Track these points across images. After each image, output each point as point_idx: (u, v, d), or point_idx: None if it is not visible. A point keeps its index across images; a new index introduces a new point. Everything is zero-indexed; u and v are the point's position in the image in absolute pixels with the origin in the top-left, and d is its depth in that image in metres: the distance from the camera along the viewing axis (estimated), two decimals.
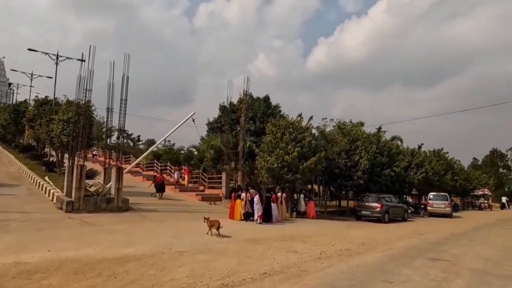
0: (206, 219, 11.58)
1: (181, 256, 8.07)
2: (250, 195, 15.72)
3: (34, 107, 26.77)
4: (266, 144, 19.53)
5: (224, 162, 22.40)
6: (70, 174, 15.33)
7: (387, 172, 23.39)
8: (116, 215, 14.02)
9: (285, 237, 11.79)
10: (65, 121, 18.11)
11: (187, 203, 19.33)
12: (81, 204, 13.99)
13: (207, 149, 24.82)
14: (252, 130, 36.60)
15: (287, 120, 20.08)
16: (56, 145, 18.35)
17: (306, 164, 18.09)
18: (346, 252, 9.54)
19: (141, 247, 8.71)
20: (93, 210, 14.21)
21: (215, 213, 17.50)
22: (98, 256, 7.62)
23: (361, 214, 19.78)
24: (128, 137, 57.63)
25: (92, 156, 37.23)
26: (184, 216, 15.43)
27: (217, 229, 11.32)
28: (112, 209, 14.76)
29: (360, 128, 23.49)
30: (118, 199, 15.01)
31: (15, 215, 12.26)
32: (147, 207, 16.56)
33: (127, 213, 14.68)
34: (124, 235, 10.35)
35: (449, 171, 35.49)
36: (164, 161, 29.86)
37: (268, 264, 7.59)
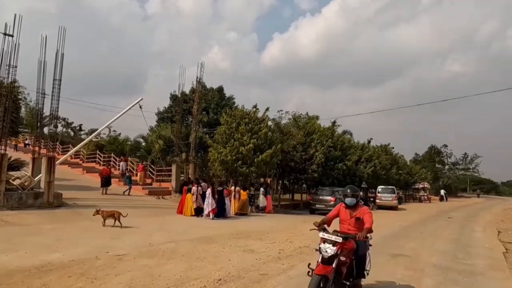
0: (98, 211, 11.06)
1: (120, 261, 6.82)
2: (201, 189, 14.62)
3: None
4: (220, 135, 18.49)
5: (174, 153, 20.93)
6: None
7: (340, 165, 23.56)
8: (45, 212, 12.14)
9: (240, 234, 10.92)
10: None
11: (132, 198, 17.67)
12: (1, 199, 11.89)
13: (156, 140, 23.12)
14: (205, 121, 35.22)
15: (243, 110, 19.17)
16: None
17: (261, 157, 17.38)
18: (306, 249, 8.91)
19: (71, 252, 7.30)
20: (17, 206, 12.19)
21: (163, 208, 16.14)
22: (12, 265, 6.13)
23: (315, 208, 19.60)
24: (68, 125, 52.84)
25: (24, 146, 33.31)
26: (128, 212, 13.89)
27: (118, 219, 10.93)
28: (41, 205, 12.81)
29: (315, 121, 23.35)
30: (48, 194, 13.06)
31: None
32: (85, 202, 14.71)
33: (59, 210, 12.82)
34: (51, 237, 8.76)
35: (395, 166, 37.19)
36: (108, 152, 27.43)
37: (223, 267, 6.65)
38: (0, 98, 14.11)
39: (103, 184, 17.49)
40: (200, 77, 20.05)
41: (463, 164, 75.25)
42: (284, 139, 20.79)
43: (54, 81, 13.69)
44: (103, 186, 17.48)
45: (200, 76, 20.02)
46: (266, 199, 18.22)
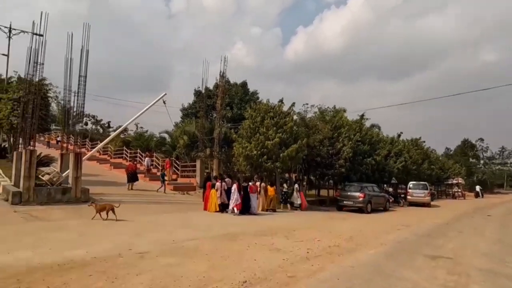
0: (93, 204, 11.16)
1: (141, 259, 6.60)
2: (226, 185, 14.34)
3: None
4: (245, 129, 18.13)
5: (198, 149, 20.81)
6: (19, 161, 13.34)
7: (368, 160, 22.64)
8: (72, 207, 12.27)
9: (265, 232, 10.52)
10: (15, 101, 15.85)
11: (158, 193, 17.71)
12: (31, 195, 12.12)
13: (181, 135, 23.10)
14: (229, 116, 35.07)
15: (268, 104, 18.69)
16: (5, 127, 16.12)
17: (287, 152, 16.87)
18: (336, 249, 8.40)
19: (94, 248, 7.17)
20: (46, 202, 12.38)
21: (188, 204, 16.02)
22: (34, 262, 6.03)
23: (343, 204, 18.89)
24: (97, 123, 54.43)
25: (56, 143, 34.51)
26: (153, 208, 13.87)
27: (111, 212, 10.83)
28: (69, 200, 12.98)
29: (343, 115, 22.50)
30: (76, 189, 13.21)
31: None
32: (112, 198, 14.80)
33: (86, 205, 12.92)
34: (75, 232, 8.72)
35: (426, 160, 35.54)
36: (134, 148, 27.83)
37: (248, 268, 6.27)
38: (29, 95, 14.42)
39: (129, 180, 17.62)
40: (224, 71, 19.77)
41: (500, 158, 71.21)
42: (310, 134, 20.15)
43: (80, 78, 13.80)
44: (129, 181, 17.61)
45: (223, 70, 19.74)
46: (299, 195, 17.63)
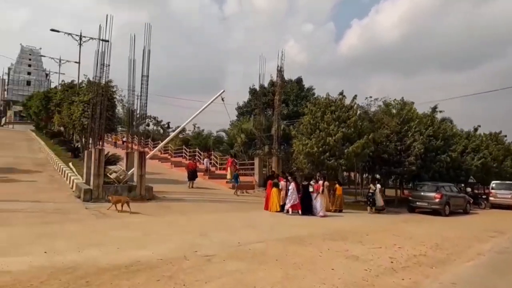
0: (111, 197, 11.51)
1: (208, 263, 6.14)
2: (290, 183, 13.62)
3: (61, 92, 25.98)
4: (304, 125, 17.24)
5: (256, 146, 20.37)
6: (89, 159, 13.92)
7: (442, 157, 20.37)
8: (137, 204, 12.42)
9: (334, 235, 9.60)
10: (85, 103, 16.76)
11: (218, 192, 17.57)
12: (100, 192, 12.53)
13: (238, 133, 22.90)
14: (285, 113, 34.30)
15: (328, 98, 17.58)
16: (78, 128, 17.13)
17: (351, 148, 15.65)
18: (423, 259, 7.23)
19: (159, 248, 6.90)
20: None
21: (248, 203, 15.59)
22: (103, 262, 5.85)
23: (416, 206, 17.10)
24: (158, 123, 57.06)
25: (122, 143, 36.60)
26: (214, 207, 13.64)
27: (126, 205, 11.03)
28: (134, 197, 13.19)
29: (412, 107, 20.49)
30: (140, 187, 13.44)
31: (26, 204, 10.93)
32: (173, 196, 14.92)
33: (150, 203, 13.08)
34: (141, 230, 8.62)
35: (509, 157, 31.39)
36: (193, 147, 28.36)
37: (327, 279, 5.48)
38: (98, 97, 15.07)
39: (190, 178, 17.73)
40: (281, 66, 19.07)
41: None
42: (375, 128, 18.61)
43: (142, 78, 14.05)
44: (190, 179, 17.72)
45: (281, 65, 19.05)
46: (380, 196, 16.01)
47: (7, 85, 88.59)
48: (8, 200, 11.45)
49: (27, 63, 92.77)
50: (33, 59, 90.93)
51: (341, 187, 15.67)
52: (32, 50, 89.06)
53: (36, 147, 29.30)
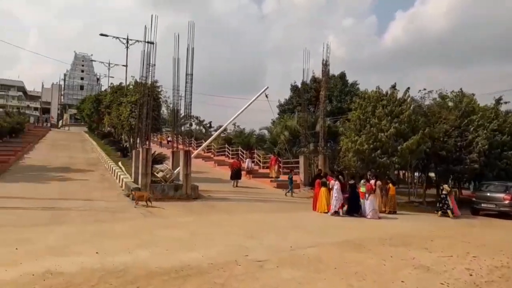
0: (133, 193, 11.96)
1: (261, 269, 5.69)
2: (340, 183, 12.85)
3: (110, 94, 27.08)
4: (353, 121, 16.28)
5: (301, 144, 19.68)
6: (137, 158, 14.14)
7: (510, 153, 18.30)
8: (183, 204, 12.38)
9: (394, 240, 8.73)
10: (133, 103, 17.15)
11: (262, 191, 17.16)
12: (148, 191, 12.61)
13: (282, 131, 22.34)
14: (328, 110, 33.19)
15: (379, 91, 16.44)
16: (126, 128, 17.62)
17: (406, 144, 14.47)
18: (508, 271, 6.22)
19: (208, 251, 6.57)
20: (161, 197, 12.77)
21: (294, 203, 14.99)
22: (152, 265, 5.61)
23: (480, 208, 15.46)
24: (200, 123, 58.09)
25: (167, 143, 37.59)
26: (259, 206, 13.23)
27: (146, 200, 11.39)
28: (181, 196, 13.19)
29: (473, 99, 18.63)
30: (186, 186, 13.38)
31: (78, 203, 11.25)
32: (218, 195, 14.74)
33: (196, 202, 12.96)
34: (187, 231, 8.39)
35: None
36: (236, 146, 28.25)
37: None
38: (144, 97, 15.30)
39: (234, 177, 17.50)
40: (326, 60, 18.18)
41: None
42: (431, 123, 17.12)
43: (187, 76, 14.00)
44: (234, 178, 17.49)
45: (326, 58, 18.17)
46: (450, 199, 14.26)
47: (64, 90, 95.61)
48: (64, 198, 11.89)
49: (80, 69, 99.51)
50: (86, 64, 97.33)
51: (394, 187, 14.55)
52: (85, 57, 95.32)
53: (89, 147, 30.89)
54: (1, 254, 5.90)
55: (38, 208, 10.12)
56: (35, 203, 10.70)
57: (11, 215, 9.28)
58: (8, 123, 29.51)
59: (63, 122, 75.54)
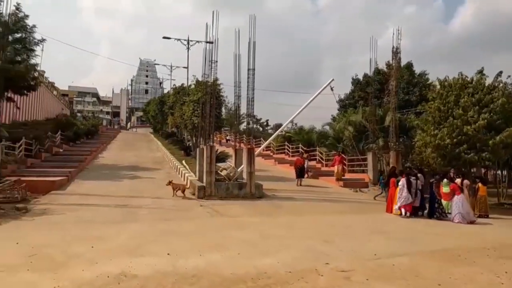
0: (170, 182, 12.45)
1: (348, 282, 4.92)
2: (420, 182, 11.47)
3: (173, 95, 28.00)
4: (431, 113, 14.56)
5: (369, 140, 18.27)
6: (201, 157, 14.11)
7: None
8: (248, 203, 11.98)
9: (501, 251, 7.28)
10: (195, 102, 17.30)
11: (328, 191, 16.20)
12: (212, 189, 12.47)
13: (345, 127, 21.04)
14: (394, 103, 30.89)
15: (463, 78, 14.48)
16: (189, 127, 17.87)
17: (500, 137, 12.50)
18: None
19: (283, 257, 5.96)
20: (225, 196, 12.54)
21: (365, 204, 13.80)
22: (226, 271, 5.16)
23: None
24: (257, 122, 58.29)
25: (226, 142, 38.10)
26: (328, 207, 12.35)
27: (183, 191, 12.09)
28: (245, 195, 12.83)
29: None
30: (250, 185, 12.99)
31: (147, 200, 11.43)
32: (283, 194, 14.14)
33: (261, 201, 12.50)
34: (257, 233, 7.88)
35: None
36: (296, 143, 27.48)
37: None
38: (206, 96, 15.27)
39: (298, 175, 16.76)
40: (397, 46, 16.56)
41: None
42: None
43: (249, 71, 13.61)
44: (298, 177, 16.75)
45: (396, 45, 16.55)
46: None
47: (131, 94, 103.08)
48: (134, 196, 12.20)
49: (144, 74, 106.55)
50: (149, 69, 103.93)
51: (485, 187, 12.66)
52: (148, 62, 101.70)
53: (154, 147, 32.39)
54: (79, 252, 5.91)
55: (112, 206, 10.43)
56: (109, 201, 11.08)
57: (89, 211, 9.63)
58: (85, 126, 32.14)
59: (131, 124, 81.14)
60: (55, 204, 10.32)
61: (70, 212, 9.44)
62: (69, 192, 12.43)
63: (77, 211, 9.57)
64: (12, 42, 17.47)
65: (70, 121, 29.24)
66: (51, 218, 8.72)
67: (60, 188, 13.04)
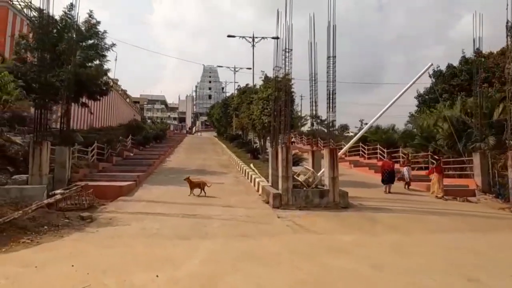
0: (187, 179, 11.91)
1: None
2: None
3: (237, 96, 27.05)
4: None
5: (473, 139, 15.02)
6: (274, 159, 12.49)
7: None
8: (333, 215, 9.99)
9: None
10: (264, 99, 15.79)
11: (426, 200, 13.43)
12: (289, 197, 10.73)
13: (437, 123, 17.88)
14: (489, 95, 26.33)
15: None
16: (258, 127, 16.40)
17: None
18: None
19: None
20: (304, 206, 10.71)
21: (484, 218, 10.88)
22: None
23: None
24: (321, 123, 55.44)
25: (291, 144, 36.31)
26: (438, 222, 9.78)
27: (203, 189, 11.67)
28: (327, 205, 10.87)
29: None
30: (334, 192, 10.99)
31: (218, 209, 10.09)
32: (371, 203, 11.87)
33: (347, 213, 10.41)
34: (363, 261, 5.89)
35: None
36: (372, 143, 24.64)
37: None
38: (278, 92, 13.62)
39: (386, 181, 14.24)
40: None
41: None
42: None
43: (328, 59, 11.68)
44: (386, 182, 14.23)
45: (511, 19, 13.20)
46: None
47: (195, 100, 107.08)
48: (203, 203, 11.00)
49: (208, 80, 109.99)
50: (212, 75, 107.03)
51: None
52: (211, 68, 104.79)
53: (219, 149, 31.84)
54: (140, 285, 4.56)
55: (179, 215, 9.25)
56: (176, 209, 9.97)
57: (156, 222, 8.53)
58: (153, 130, 32.81)
59: (196, 129, 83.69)
60: (121, 212, 9.46)
61: (136, 222, 8.43)
62: (136, 199, 11.66)
63: (143, 221, 8.53)
64: (85, 48, 17.74)
65: (140, 126, 29.92)
66: (115, 230, 7.73)
67: (128, 193, 12.39)
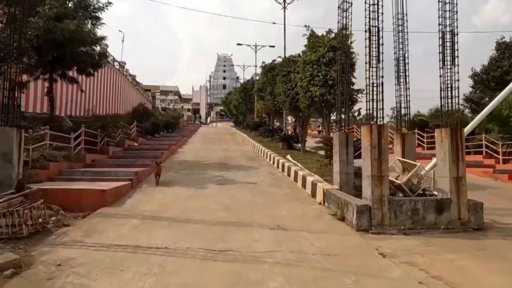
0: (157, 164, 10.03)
1: None
2: None
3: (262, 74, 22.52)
4: None
5: None
6: (343, 148, 7.98)
7: None
8: (472, 244, 5.44)
9: None
10: (314, 63, 11.16)
11: None
12: (385, 213, 6.18)
13: None
14: None
15: None
16: (303, 104, 11.71)
17: None
18: None
19: None
20: (411, 227, 6.17)
21: None
22: None
23: None
24: None
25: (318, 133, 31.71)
26: None
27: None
28: (450, 225, 6.29)
29: None
30: (459, 204, 6.39)
31: (264, 234, 5.67)
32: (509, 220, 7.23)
33: (492, 240, 5.81)
34: None
35: None
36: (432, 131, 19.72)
37: None
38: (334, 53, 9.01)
39: None
40: None
41: None
42: None
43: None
44: None
45: None
46: None
47: (209, 90, 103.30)
48: (236, 222, 6.56)
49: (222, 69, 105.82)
50: (227, 64, 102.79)
51: None
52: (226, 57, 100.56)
53: (240, 139, 27.51)
54: None
55: (199, 252, 4.86)
56: (193, 234, 5.63)
57: (148, 276, 4.17)
58: (164, 117, 28.66)
59: (211, 119, 79.97)
60: (88, 246, 5.14)
61: (107, 278, 4.07)
62: (127, 211, 7.35)
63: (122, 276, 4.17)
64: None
65: (148, 111, 25.72)
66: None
67: (118, 199, 8.12)
